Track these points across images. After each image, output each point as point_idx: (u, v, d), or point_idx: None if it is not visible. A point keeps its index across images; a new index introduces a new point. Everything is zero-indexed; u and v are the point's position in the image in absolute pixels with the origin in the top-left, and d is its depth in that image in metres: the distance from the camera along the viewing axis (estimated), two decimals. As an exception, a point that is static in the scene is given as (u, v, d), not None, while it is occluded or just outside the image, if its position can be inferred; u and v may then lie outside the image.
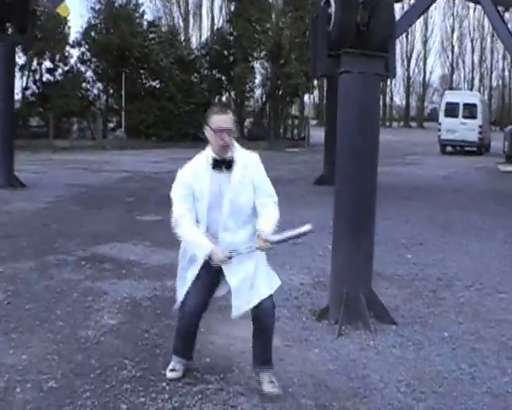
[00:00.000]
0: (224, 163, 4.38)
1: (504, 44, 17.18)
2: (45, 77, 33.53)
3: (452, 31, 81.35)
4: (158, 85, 35.23)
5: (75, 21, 75.93)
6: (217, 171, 4.38)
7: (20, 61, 31.03)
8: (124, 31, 32.47)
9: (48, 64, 33.38)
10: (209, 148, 4.43)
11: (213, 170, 4.38)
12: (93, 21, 34.34)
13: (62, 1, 15.48)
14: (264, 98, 39.43)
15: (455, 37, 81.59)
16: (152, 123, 33.04)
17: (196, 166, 4.44)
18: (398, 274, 8.01)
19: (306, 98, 51.16)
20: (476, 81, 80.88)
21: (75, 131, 34.58)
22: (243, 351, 5.06)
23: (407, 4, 18.29)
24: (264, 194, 4.47)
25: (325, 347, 5.51)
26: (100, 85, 35.42)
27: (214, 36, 41.03)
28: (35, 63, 33.08)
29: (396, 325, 6.04)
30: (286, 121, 41.60)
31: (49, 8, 20.47)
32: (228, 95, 39.80)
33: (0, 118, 15.01)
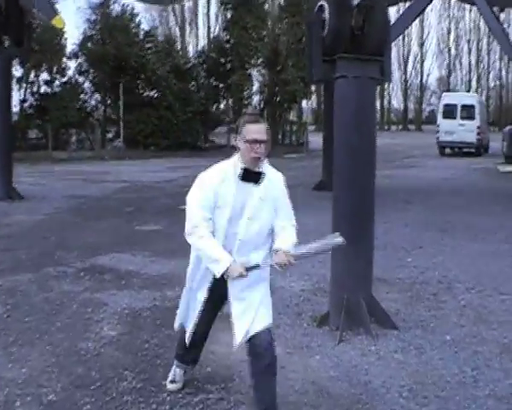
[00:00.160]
0: (254, 176, 4.08)
1: (500, 45, 17.19)
2: (43, 89, 33.57)
3: (449, 33, 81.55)
4: (155, 95, 35.21)
5: (71, 33, 76.20)
6: (244, 182, 4.07)
7: (18, 74, 31.12)
8: (120, 41, 32.51)
9: (45, 76, 33.48)
10: (237, 156, 4.11)
11: (241, 181, 4.07)
12: (89, 32, 34.40)
13: (56, 13, 15.42)
14: (261, 105, 39.44)
15: (451, 39, 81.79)
16: (150, 132, 33.02)
17: (223, 172, 4.11)
18: (398, 278, 7.99)
19: (304, 104, 51.20)
20: (474, 82, 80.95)
21: (74, 142, 34.60)
22: (244, 360, 5.03)
23: (403, 7, 18.26)
24: (284, 217, 4.21)
25: (326, 353, 5.48)
26: (98, 96, 35.46)
27: (211, 44, 41.12)
28: (32, 75, 33.14)
29: (397, 330, 6.02)
30: (284, 127, 41.57)
31: (44, 20, 20.42)
32: (226, 102, 39.86)
33: (-2, 130, 15.01)
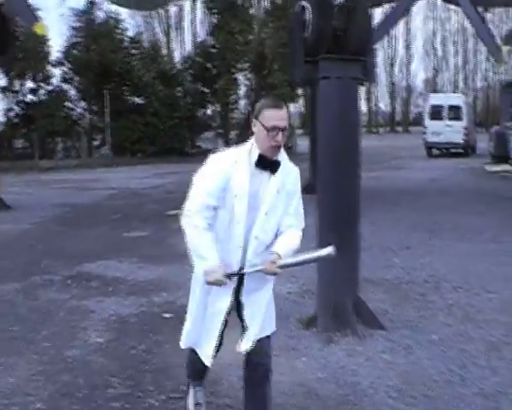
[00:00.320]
0: (271, 164, 3.69)
1: (485, 45, 17.26)
2: (28, 98, 33.49)
3: (435, 34, 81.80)
4: (141, 101, 35.16)
5: (56, 40, 75.93)
6: (259, 171, 3.67)
7: (2, 83, 30.99)
8: (104, 48, 32.44)
9: (30, 84, 33.35)
10: (253, 141, 3.74)
11: (256, 169, 3.67)
12: (73, 39, 34.29)
13: (38, 20, 15.26)
14: (248, 109, 39.41)
15: (437, 40, 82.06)
16: (137, 139, 32.97)
17: (236, 155, 3.73)
18: (385, 279, 7.99)
19: (292, 108, 51.18)
20: (460, 83, 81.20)
21: (60, 150, 34.50)
22: (232, 363, 5.01)
23: (388, 9, 18.32)
24: (293, 213, 3.87)
25: (313, 355, 5.46)
26: (84, 104, 35.36)
27: (197, 49, 41.06)
28: (17, 84, 33.01)
29: (385, 330, 6.01)
30: (272, 132, 41.40)
31: (26, 27, 20.31)
32: (212, 108, 39.83)
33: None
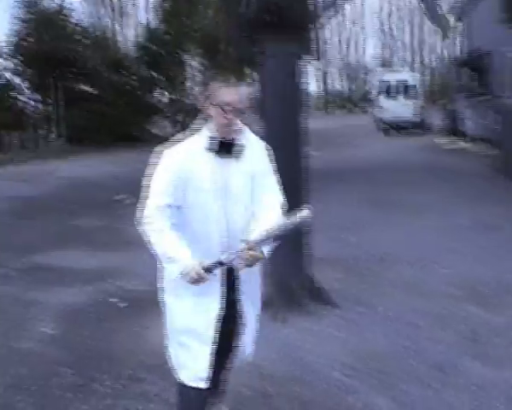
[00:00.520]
0: (232, 147, 3.28)
1: (431, 17, 17.28)
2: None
3: (390, 14, 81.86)
4: (92, 89, 34.68)
5: (4, 32, 74.47)
6: (222, 158, 3.27)
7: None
8: (51, 37, 31.87)
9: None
10: (206, 128, 3.31)
11: (214, 154, 3.26)
12: (20, 31, 33.60)
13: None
14: (202, 94, 39.06)
15: (390, 17, 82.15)
16: (91, 128, 32.52)
17: (191, 145, 3.30)
18: (340, 258, 7.98)
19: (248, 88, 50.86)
20: (416, 62, 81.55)
21: (12, 143, 33.91)
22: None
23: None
24: (270, 191, 3.40)
25: (266, 336, 5.43)
26: (33, 94, 34.76)
27: (148, 34, 40.62)
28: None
29: (339, 308, 6.04)
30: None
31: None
32: (166, 93, 39.48)
33: None
